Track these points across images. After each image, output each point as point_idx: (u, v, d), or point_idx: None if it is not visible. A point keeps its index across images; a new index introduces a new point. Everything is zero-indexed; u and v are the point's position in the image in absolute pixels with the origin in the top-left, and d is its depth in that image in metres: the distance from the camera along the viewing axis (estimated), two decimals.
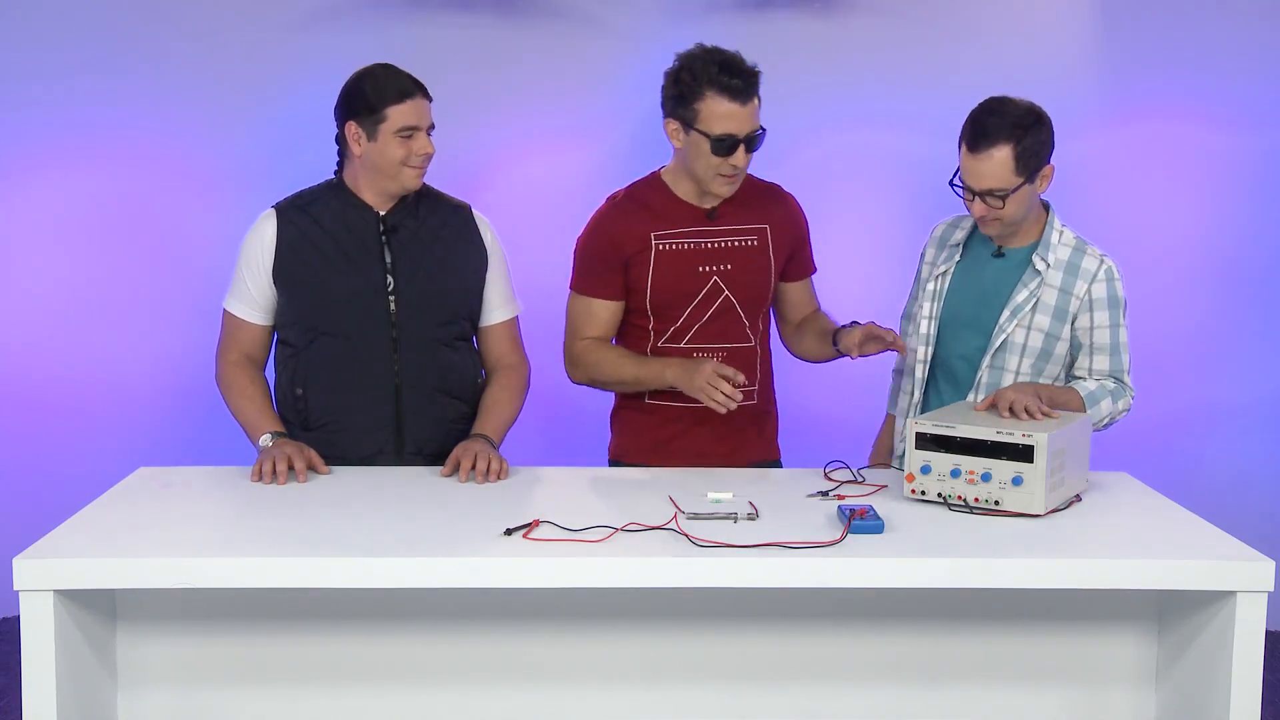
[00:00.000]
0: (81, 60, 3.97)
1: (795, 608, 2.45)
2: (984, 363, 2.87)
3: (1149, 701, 2.48)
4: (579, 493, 2.73)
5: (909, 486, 2.57)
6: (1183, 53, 4.10)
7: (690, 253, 2.90)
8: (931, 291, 2.94)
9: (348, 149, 2.87)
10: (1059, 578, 2.25)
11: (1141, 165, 4.16)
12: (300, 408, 2.90)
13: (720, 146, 2.76)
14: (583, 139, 4.12)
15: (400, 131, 2.78)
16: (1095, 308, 2.83)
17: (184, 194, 4.06)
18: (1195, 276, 4.19)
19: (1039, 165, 2.77)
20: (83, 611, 2.26)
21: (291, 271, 2.86)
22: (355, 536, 2.33)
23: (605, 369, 2.97)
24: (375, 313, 2.86)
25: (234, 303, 2.93)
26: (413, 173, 2.83)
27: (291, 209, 2.90)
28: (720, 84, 2.74)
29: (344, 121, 2.84)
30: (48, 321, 4.07)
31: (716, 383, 2.73)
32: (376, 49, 3.99)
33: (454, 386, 2.94)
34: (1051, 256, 2.84)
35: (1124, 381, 2.85)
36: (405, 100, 2.78)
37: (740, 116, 2.76)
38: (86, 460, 3.99)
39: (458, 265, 2.93)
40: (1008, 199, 2.73)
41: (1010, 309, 2.84)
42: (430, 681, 2.44)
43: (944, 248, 2.99)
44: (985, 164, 2.72)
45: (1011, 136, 2.72)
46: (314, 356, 2.88)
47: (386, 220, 2.88)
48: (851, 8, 4.07)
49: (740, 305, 2.95)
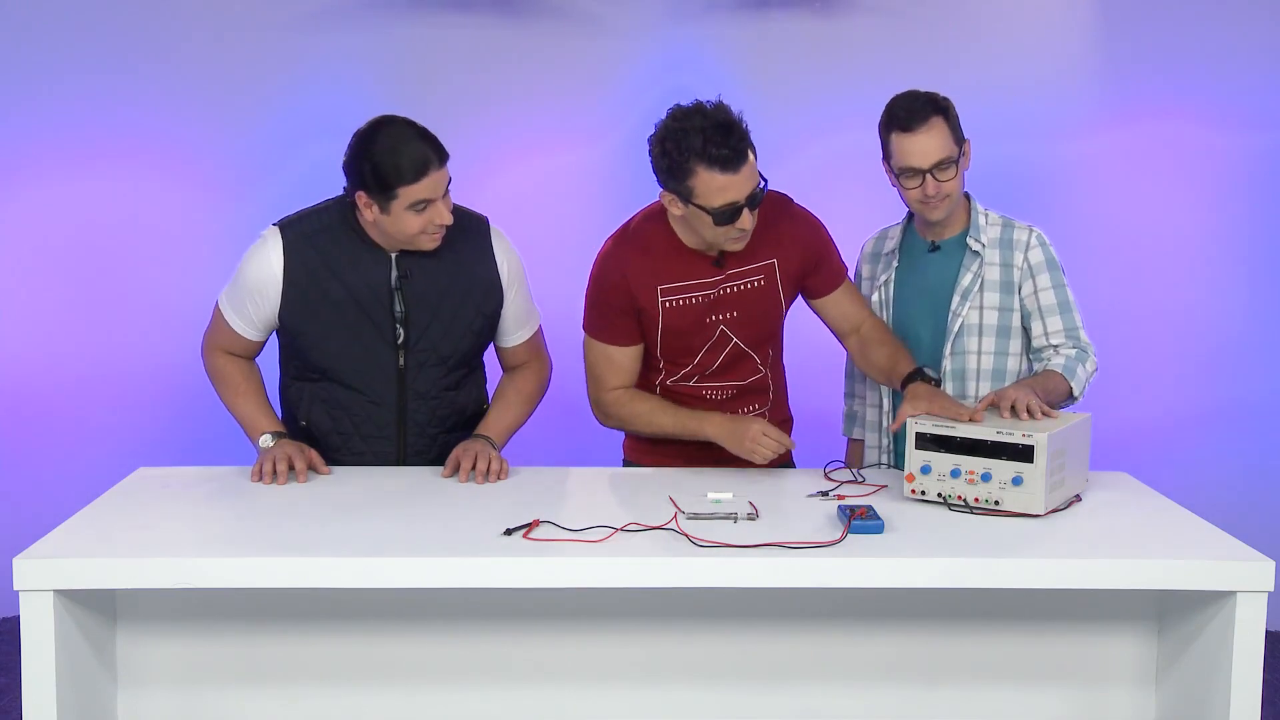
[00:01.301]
0: (82, 60, 3.97)
1: (795, 608, 2.45)
2: (945, 350, 2.91)
3: (1149, 701, 2.48)
4: (579, 493, 2.72)
5: (909, 486, 2.57)
6: (1183, 53, 4.10)
7: (697, 306, 2.82)
8: (878, 302, 3.01)
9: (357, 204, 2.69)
10: (1059, 578, 2.25)
11: (1141, 165, 4.16)
12: (303, 437, 2.87)
13: (723, 217, 2.63)
14: (583, 139, 4.12)
15: (414, 206, 2.63)
16: (1035, 272, 2.89)
17: (184, 194, 4.06)
18: (1195, 276, 4.19)
19: (962, 137, 2.85)
20: (83, 611, 2.26)
21: (299, 318, 2.76)
22: (355, 536, 2.33)
23: (640, 422, 2.90)
24: (382, 366, 2.80)
25: (231, 314, 2.83)
26: (429, 239, 2.69)
27: (299, 238, 2.74)
28: (709, 157, 2.57)
29: (354, 188, 2.66)
30: (48, 321, 4.07)
31: (764, 442, 2.70)
32: (376, 49, 4.01)
33: (459, 424, 2.93)
34: (984, 237, 2.91)
35: (1081, 340, 2.90)
36: (420, 179, 2.60)
37: (737, 184, 2.60)
38: (86, 460, 3.99)
39: (474, 303, 2.83)
40: (957, 165, 2.81)
41: (959, 294, 2.90)
42: (430, 681, 2.44)
43: (878, 259, 3.06)
44: (927, 137, 2.78)
45: (938, 110, 2.81)
46: (318, 393, 2.85)
47: (401, 264, 2.76)
48: (851, 8, 4.06)
49: (749, 346, 2.90)
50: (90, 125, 4.00)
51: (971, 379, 2.92)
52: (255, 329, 2.84)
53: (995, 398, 2.65)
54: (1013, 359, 2.93)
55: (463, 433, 2.92)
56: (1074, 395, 2.85)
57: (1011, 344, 2.92)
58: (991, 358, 2.91)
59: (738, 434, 2.75)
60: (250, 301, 2.79)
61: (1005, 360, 2.92)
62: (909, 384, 2.75)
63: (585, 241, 3.97)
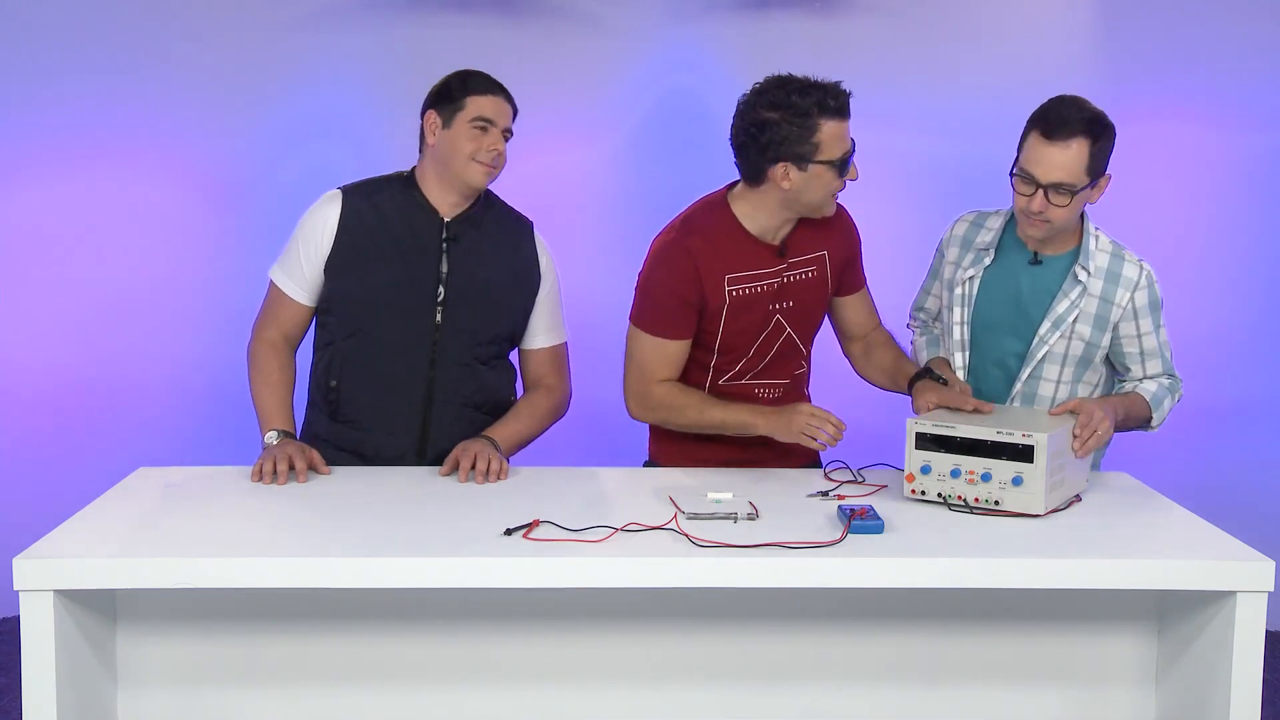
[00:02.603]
0: (81, 60, 3.97)
1: (795, 608, 2.44)
2: (1023, 374, 2.83)
3: (1149, 701, 2.48)
4: (579, 493, 2.72)
5: (909, 486, 2.57)
6: (1183, 53, 4.10)
7: (761, 295, 2.83)
8: (960, 296, 2.87)
9: (424, 142, 2.84)
10: (1059, 578, 2.25)
11: (1141, 165, 4.15)
12: (332, 399, 2.89)
13: (843, 167, 2.70)
14: (583, 139, 4.12)
15: (475, 121, 2.77)
16: (1139, 315, 2.80)
17: (183, 193, 4.06)
18: (1195, 276, 4.19)
19: (1102, 170, 2.70)
20: (83, 611, 2.26)
21: (344, 262, 2.82)
22: (355, 536, 2.34)
23: (690, 414, 2.84)
24: (420, 322, 2.83)
25: (282, 276, 2.89)
26: (480, 169, 2.80)
27: (357, 194, 2.86)
28: (829, 109, 2.66)
29: (425, 110, 2.83)
30: (48, 322, 4.07)
31: (818, 422, 2.65)
32: (376, 49, 4.01)
33: (485, 403, 2.93)
34: (1092, 265, 2.78)
35: (1174, 375, 2.87)
36: (487, 94, 2.79)
37: (846, 130, 2.71)
38: (86, 460, 3.99)
39: (510, 287, 2.90)
40: (1074, 197, 2.65)
41: (1051, 320, 2.79)
42: (430, 681, 2.44)
43: (969, 249, 2.89)
44: (1061, 154, 2.63)
45: (1089, 132, 2.64)
46: (351, 352, 2.87)
47: (450, 226, 2.84)
48: (851, 8, 4.07)
49: (799, 337, 2.92)
50: (90, 125, 4.00)
51: (1044, 405, 2.83)
52: (304, 287, 2.87)
53: (1078, 408, 2.62)
54: (1085, 388, 2.86)
55: (487, 417, 2.92)
56: (1150, 424, 2.80)
57: (1088, 374, 2.85)
58: (1068, 387, 2.84)
59: (786, 422, 2.70)
60: (303, 252, 2.84)
61: (1078, 389, 2.85)
62: (917, 381, 2.76)
63: (585, 241, 3.99)
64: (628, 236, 3.00)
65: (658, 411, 2.89)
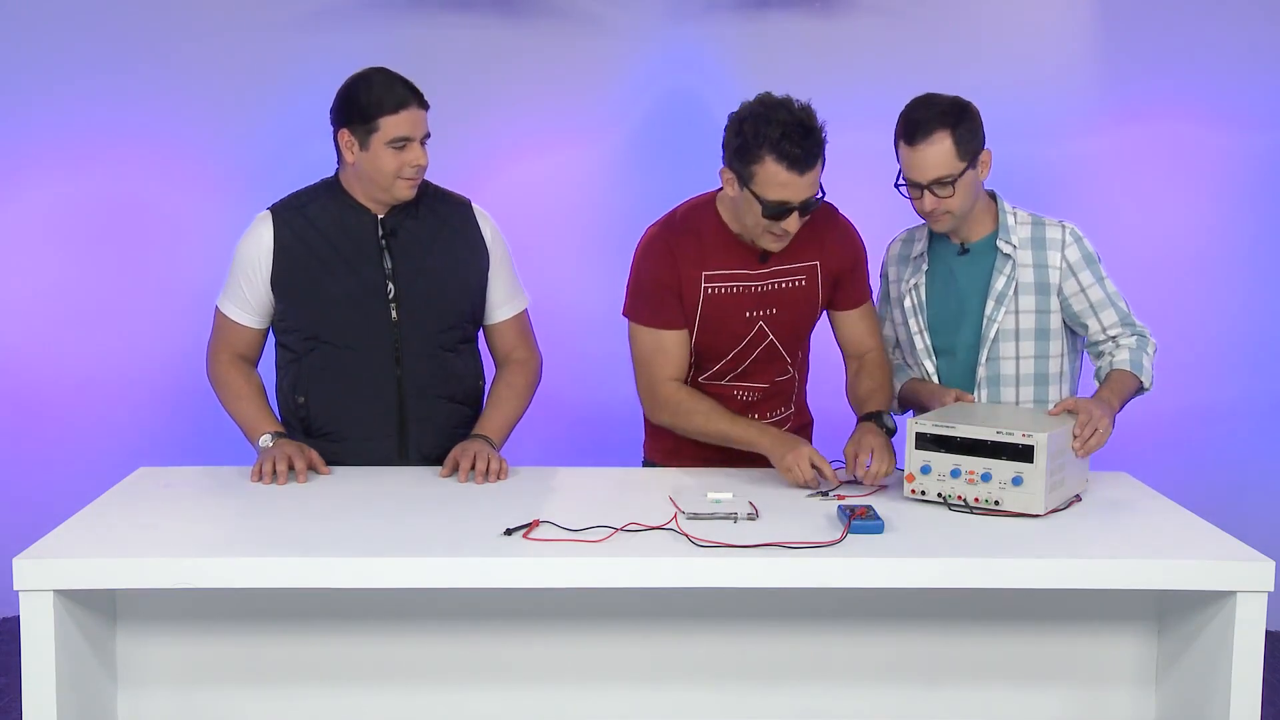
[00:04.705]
0: (81, 60, 3.97)
1: (795, 608, 2.45)
2: (981, 357, 2.87)
3: (1149, 701, 2.48)
4: (579, 493, 2.72)
5: (909, 486, 2.57)
6: (1183, 53, 4.10)
7: (739, 296, 2.82)
8: (912, 307, 2.95)
9: (342, 157, 2.82)
10: (1059, 578, 2.25)
11: (1141, 165, 4.16)
12: (302, 415, 2.89)
13: (772, 211, 2.64)
14: (583, 139, 4.12)
15: (393, 142, 2.72)
16: (1076, 270, 2.85)
17: (184, 193, 4.06)
18: (1195, 276, 4.19)
19: (977, 149, 2.78)
20: (83, 611, 2.26)
21: (290, 279, 2.82)
22: (355, 537, 2.33)
23: (697, 420, 2.83)
24: (376, 321, 2.83)
25: (228, 304, 2.89)
26: (405, 184, 2.77)
27: (287, 210, 2.85)
28: (780, 151, 2.58)
29: (338, 128, 2.78)
30: (48, 321, 4.07)
31: (804, 468, 2.64)
32: (376, 49, 4.00)
33: (457, 392, 2.93)
34: (1014, 238, 2.86)
35: (1136, 326, 2.87)
36: (400, 111, 2.71)
37: (797, 186, 2.62)
38: (86, 460, 3.99)
39: (459, 267, 2.90)
40: (955, 185, 2.74)
41: (993, 298, 2.85)
42: (430, 681, 2.44)
43: (907, 262, 2.99)
44: (927, 154, 2.73)
45: (946, 124, 2.73)
46: (315, 364, 2.86)
47: (385, 223, 2.84)
48: (851, 8, 4.07)
49: (783, 345, 2.90)
50: (90, 125, 4.00)
51: (1010, 384, 2.88)
52: (252, 313, 2.87)
53: (1076, 408, 2.63)
54: (1054, 360, 2.89)
55: (461, 406, 2.93)
56: (1144, 388, 2.83)
57: (1052, 346, 2.88)
58: (1032, 362, 2.87)
59: (781, 454, 2.68)
60: (244, 279, 2.84)
61: (1046, 363, 2.88)
62: (864, 421, 2.79)
63: (585, 241, 3.99)
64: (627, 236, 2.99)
65: (665, 411, 2.88)
